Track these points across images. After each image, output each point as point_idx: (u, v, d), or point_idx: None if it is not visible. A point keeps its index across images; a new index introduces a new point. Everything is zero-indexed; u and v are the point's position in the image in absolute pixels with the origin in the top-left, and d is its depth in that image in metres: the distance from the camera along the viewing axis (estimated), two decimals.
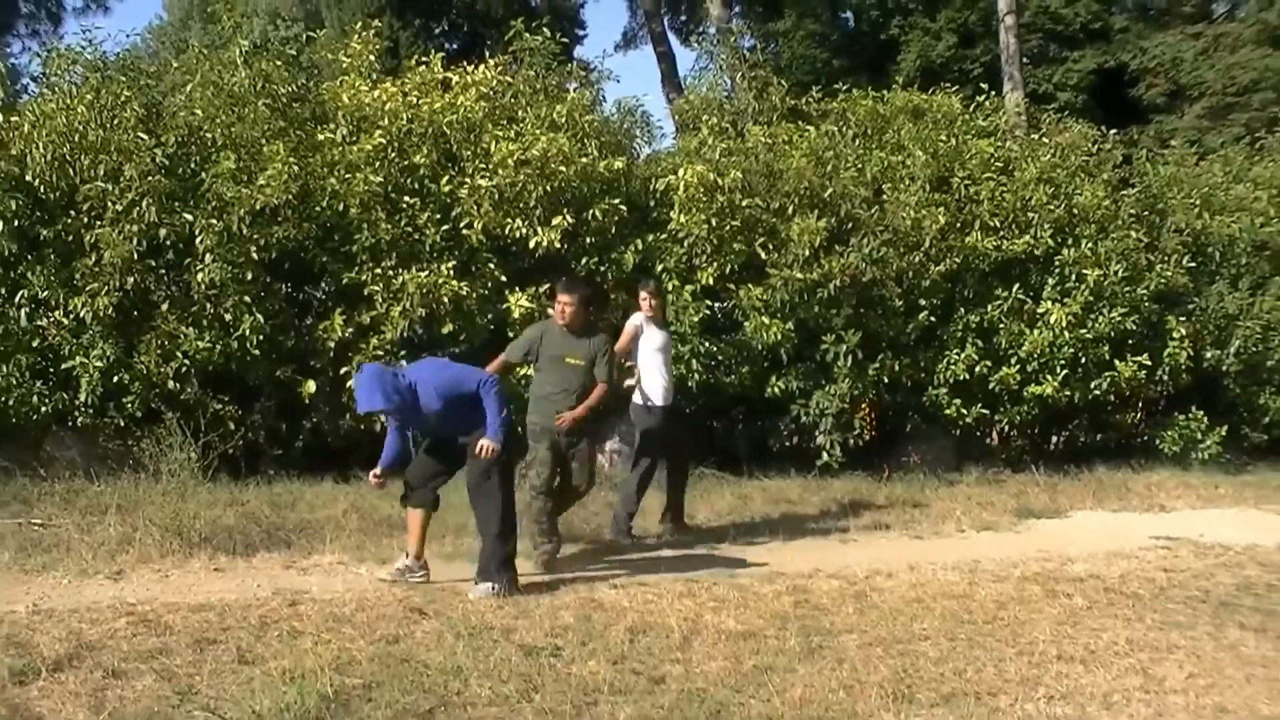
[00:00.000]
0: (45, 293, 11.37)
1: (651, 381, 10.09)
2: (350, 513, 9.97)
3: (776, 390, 13.03)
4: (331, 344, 11.74)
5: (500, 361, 9.18)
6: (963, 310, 14.06)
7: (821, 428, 13.04)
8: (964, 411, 13.86)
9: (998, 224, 14.21)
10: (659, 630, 6.97)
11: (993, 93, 16.93)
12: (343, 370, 11.59)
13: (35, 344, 11.34)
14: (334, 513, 9.94)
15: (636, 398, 10.09)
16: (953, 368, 13.81)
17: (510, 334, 12.25)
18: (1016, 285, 14.03)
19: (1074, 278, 14.25)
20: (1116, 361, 14.23)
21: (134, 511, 9.21)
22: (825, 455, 12.96)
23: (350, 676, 5.88)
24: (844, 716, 5.56)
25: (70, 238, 11.58)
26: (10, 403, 11.10)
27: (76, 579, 7.93)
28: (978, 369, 13.83)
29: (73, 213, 11.60)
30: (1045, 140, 15.77)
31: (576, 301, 8.95)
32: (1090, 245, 14.38)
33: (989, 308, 14.02)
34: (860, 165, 14.24)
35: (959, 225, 14.10)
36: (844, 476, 12.88)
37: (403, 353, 11.75)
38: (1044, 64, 30.90)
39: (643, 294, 10.35)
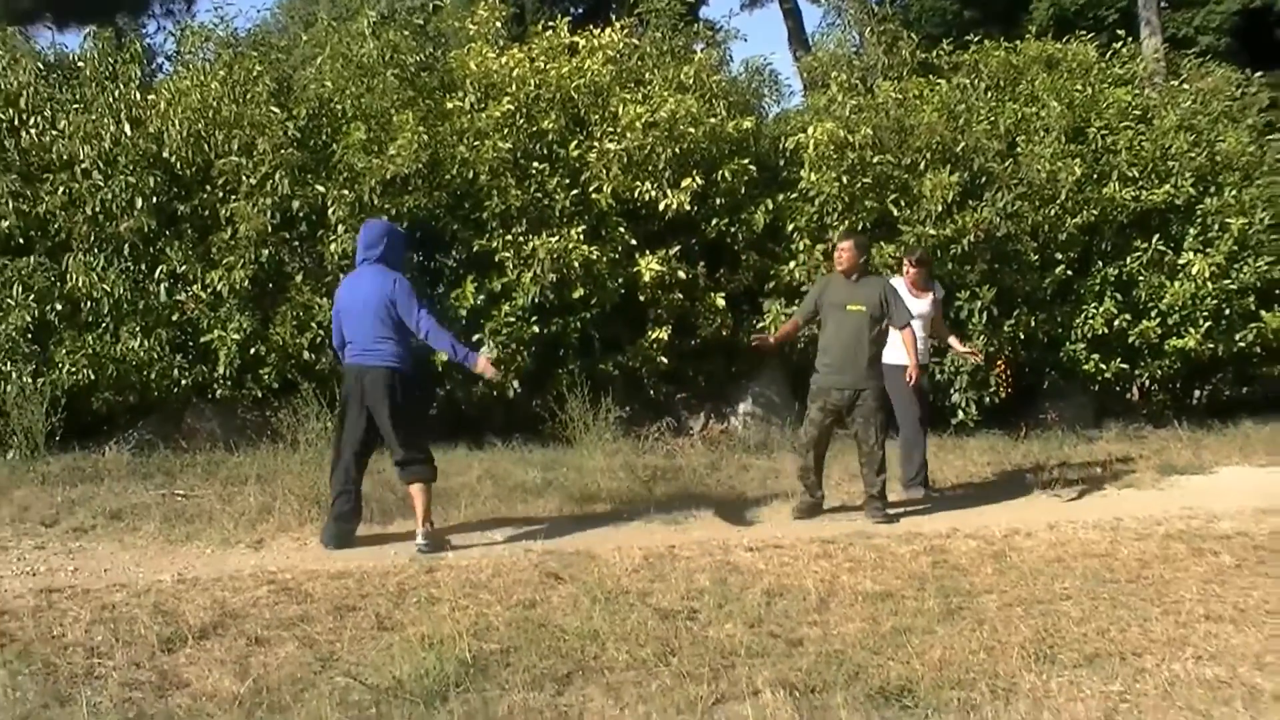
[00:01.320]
0: (183, 267, 11.56)
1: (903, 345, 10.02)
2: (484, 479, 10.00)
3: None
4: (463, 311, 11.75)
5: (791, 323, 9.79)
6: (1100, 263, 13.76)
7: (956, 385, 12.93)
8: (1102, 367, 13.60)
9: (1136, 174, 13.85)
10: (795, 592, 6.90)
11: (1129, 39, 16.51)
12: (474, 338, 11.62)
13: (174, 318, 11.53)
14: (468, 479, 9.97)
15: (890, 359, 9.99)
16: (1090, 322, 13.53)
17: (641, 298, 12.27)
18: (1156, 236, 13.65)
19: (1217, 227, 13.87)
20: (1263, 312, 13.86)
21: (273, 481, 9.36)
22: (961, 414, 12.85)
23: (488, 642, 5.89)
24: (985, 678, 5.43)
25: (206, 212, 11.78)
26: (152, 377, 11.29)
27: (219, 548, 8.07)
28: (1116, 323, 13.52)
29: (208, 188, 11.79)
30: (1185, 86, 15.33)
31: (852, 247, 9.27)
32: (1234, 193, 13.98)
33: (1128, 260, 13.71)
34: (993, 118, 13.96)
35: (1096, 176, 13.76)
36: (980, 435, 12.73)
37: (534, 318, 11.76)
38: (1183, 7, 29.88)
39: (906, 260, 10.51)
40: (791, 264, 12.74)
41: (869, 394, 9.14)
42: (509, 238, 11.95)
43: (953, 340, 10.79)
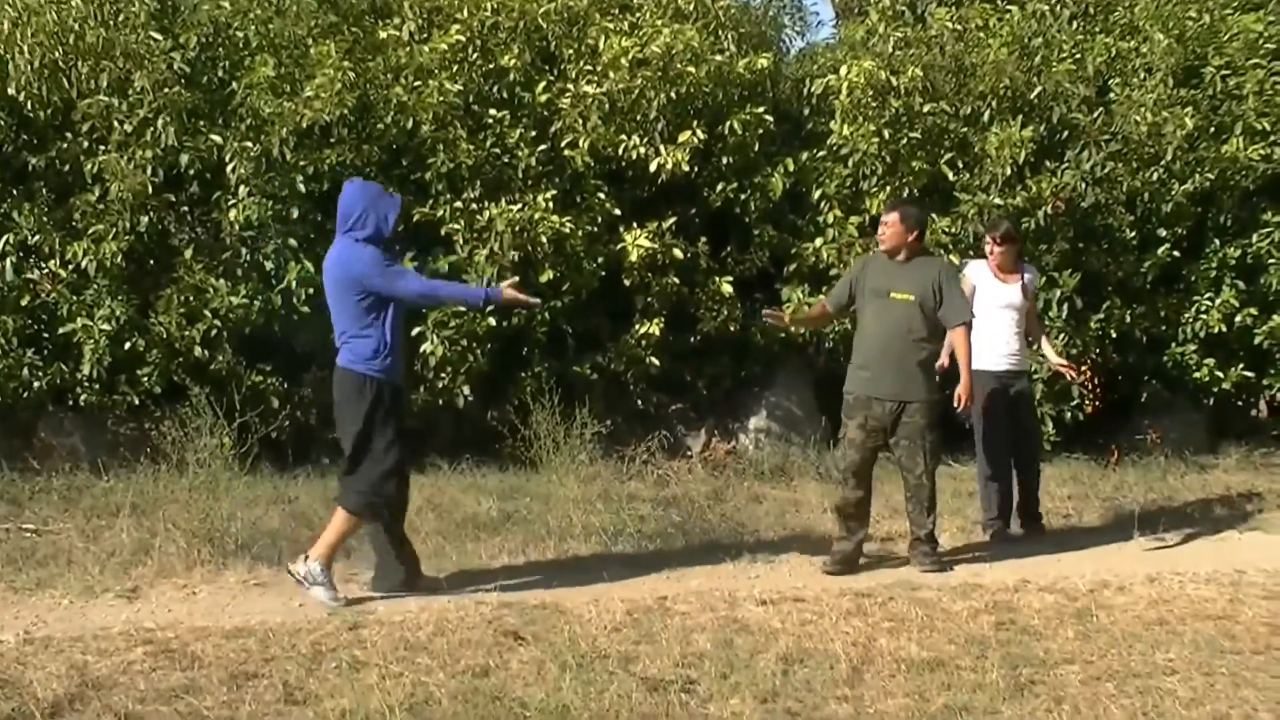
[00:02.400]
0: (36, 237, 11.52)
1: (988, 344, 10.05)
2: (426, 511, 9.99)
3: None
4: None
5: (819, 309, 9.75)
6: (1218, 242, 13.73)
7: None
8: (1219, 374, 13.56)
9: (1267, 126, 13.73)
10: (820, 658, 6.89)
11: None
12: (415, 330, 11.60)
13: (25, 303, 11.49)
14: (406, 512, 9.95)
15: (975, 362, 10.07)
16: (1204, 317, 13.49)
17: (627, 281, 12.27)
18: None
19: None
20: None
21: (152, 513, 9.34)
22: None
23: (427, 719, 5.88)
24: None
25: (67, 167, 11.74)
26: None
27: (80, 598, 8.01)
28: (1238, 319, 13.50)
29: (69, 135, 11.74)
30: None
31: (899, 219, 9.10)
32: None
33: (1254, 238, 13.65)
34: (1079, 55, 13.89)
35: (1213, 130, 13.70)
36: (1059, 460, 12.71)
37: (490, 308, 11.73)
38: None
39: (989, 237, 10.40)
40: (818, 241, 12.74)
41: (918, 409, 9.03)
42: (459, 205, 11.95)
43: (1046, 345, 10.78)
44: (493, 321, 11.75)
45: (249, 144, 11.53)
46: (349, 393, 7.98)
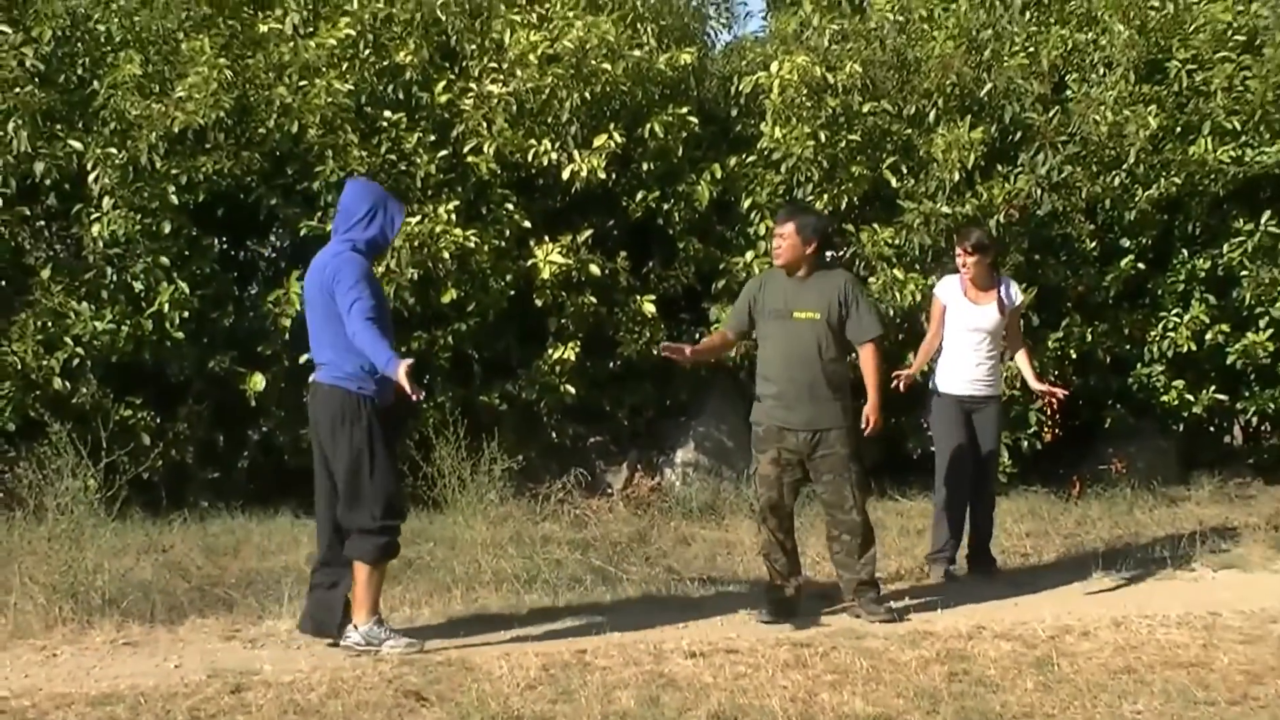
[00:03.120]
0: None
1: (953, 369, 10.10)
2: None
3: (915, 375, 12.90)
4: (287, 321, 11.70)
5: (719, 338, 9.56)
6: (1186, 252, 13.88)
7: None
8: (1190, 398, 13.68)
9: (1237, 125, 13.84)
10: (756, 716, 6.89)
11: None
12: (302, 358, 11.51)
13: None
14: (294, 559, 9.93)
15: (937, 385, 10.12)
16: (1172, 335, 13.62)
17: (538, 301, 12.25)
18: (1267, 214, 13.68)
19: None
20: None
21: (6, 566, 9.24)
22: None
23: None
24: None
25: None
26: None
27: None
28: (1209, 336, 13.63)
29: None
30: None
31: (794, 230, 8.96)
32: None
33: (1224, 248, 13.75)
34: (1032, 48, 14.02)
35: (1179, 130, 13.84)
36: (1016, 493, 12.82)
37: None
38: None
39: (960, 247, 10.31)
40: (748, 255, 12.80)
41: (837, 437, 8.92)
42: None
43: (1024, 365, 10.71)
44: None
45: (113, 150, 11.45)
46: (336, 415, 7.93)
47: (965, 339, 10.15)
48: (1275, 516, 12.21)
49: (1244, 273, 13.71)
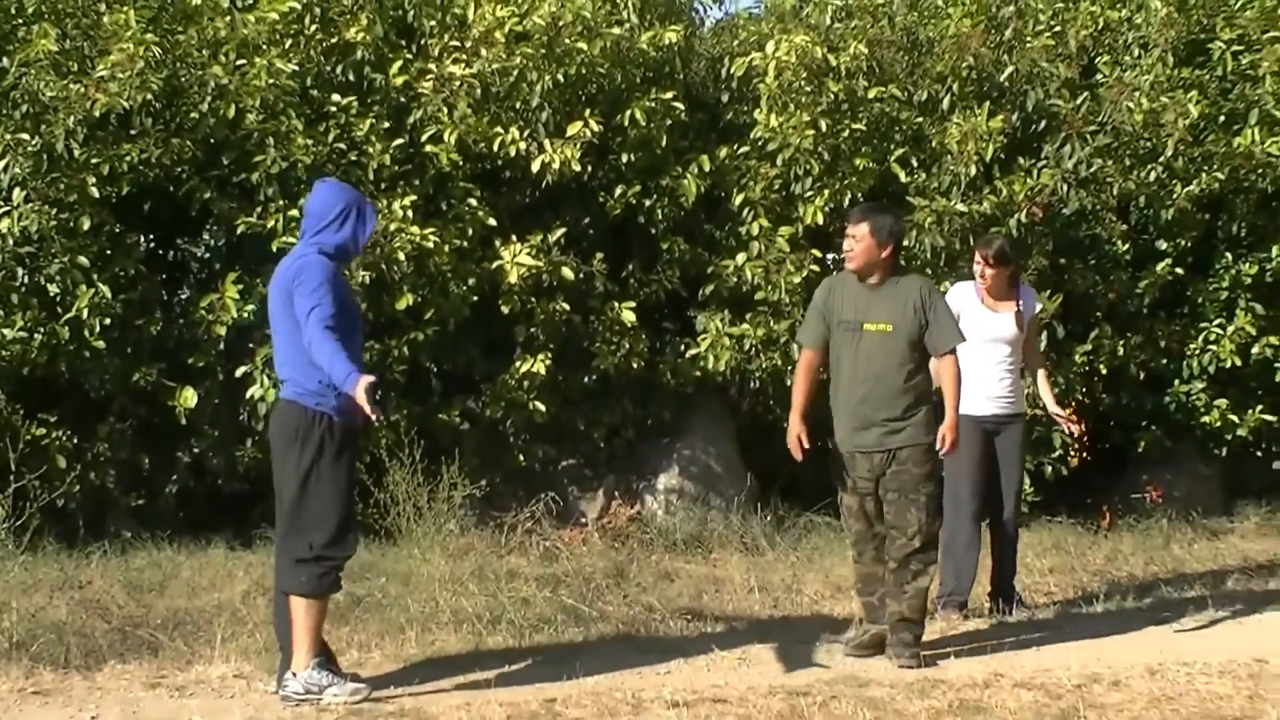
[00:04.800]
0: None
1: (970, 384, 9.95)
2: (255, 594, 9.95)
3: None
4: (222, 329, 11.65)
5: (805, 364, 9.32)
6: (1229, 256, 13.91)
7: None
8: (1234, 419, 13.70)
9: None
10: None
11: None
12: (239, 371, 11.55)
13: None
14: (228, 596, 9.92)
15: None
16: (1214, 348, 13.62)
17: (505, 307, 12.21)
18: None
19: None
20: None
21: None
22: None
23: None
24: None
25: None
26: None
27: None
28: (1255, 350, 13.66)
29: None
30: None
31: (868, 232, 8.96)
32: None
33: (1273, 251, 13.83)
34: (1058, 27, 14.07)
35: (1222, 119, 13.90)
36: (1038, 524, 12.82)
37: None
38: None
39: (980, 255, 10.34)
40: (740, 257, 12.74)
41: (910, 456, 8.96)
42: (295, 213, 11.73)
43: (1044, 386, 10.75)
44: None
45: (25, 136, 11.43)
46: (289, 432, 7.92)
47: (984, 351, 10.13)
48: None
49: None
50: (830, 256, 13.07)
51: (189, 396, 11.67)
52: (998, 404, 10.17)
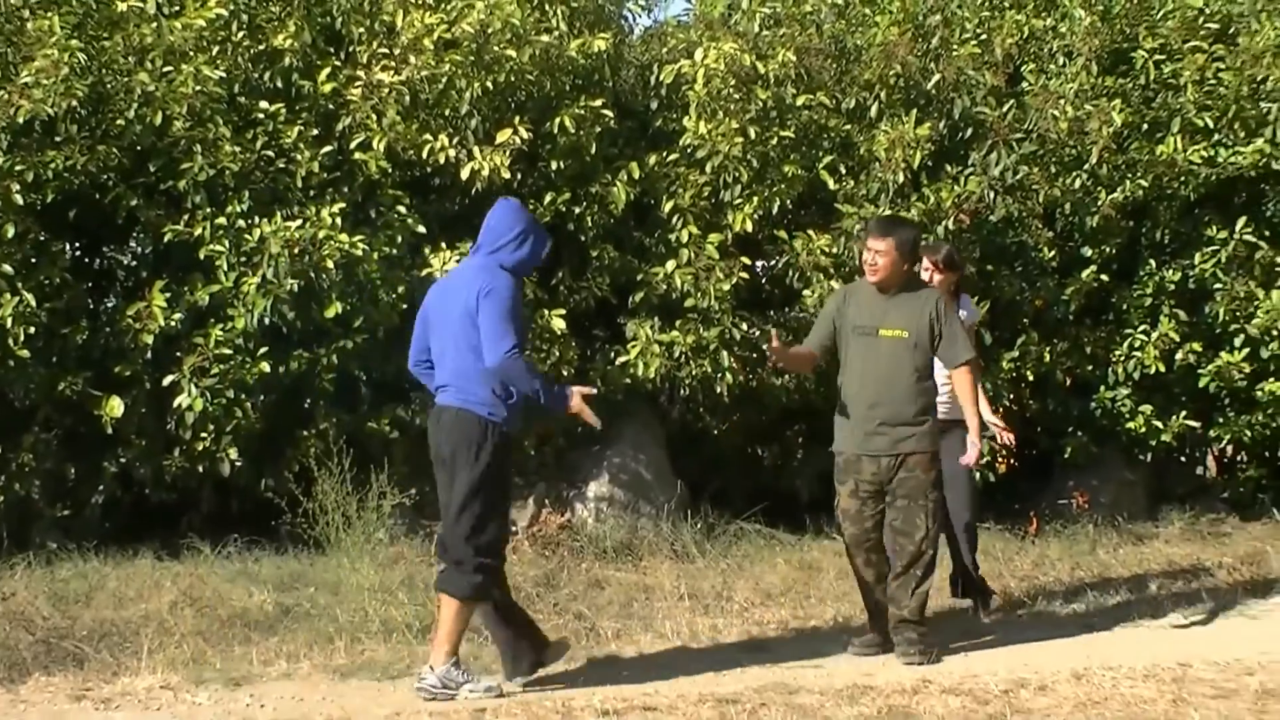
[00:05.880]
0: None
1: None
2: (182, 605, 9.88)
3: None
4: (149, 338, 11.55)
5: (806, 350, 9.56)
6: (1153, 263, 13.97)
7: None
8: (1158, 424, 13.74)
9: (1209, 122, 13.96)
10: None
11: None
12: (166, 380, 11.45)
13: None
14: (155, 606, 9.84)
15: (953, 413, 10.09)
16: (1138, 355, 13.66)
17: None
18: (1243, 220, 13.82)
19: None
20: None
21: None
22: None
23: None
24: None
25: None
26: None
27: None
28: (1180, 356, 13.70)
29: None
30: None
31: (894, 248, 9.11)
32: None
33: (1196, 258, 13.87)
34: (985, 35, 14.12)
35: (1145, 127, 13.95)
36: None
37: (263, 350, 11.62)
38: None
39: (928, 261, 10.31)
40: (670, 264, 12.71)
41: (917, 462, 9.13)
42: (222, 221, 11.80)
43: (980, 393, 10.69)
44: (266, 367, 11.56)
45: None
46: (467, 441, 8.26)
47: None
48: (1251, 556, 12.25)
49: (1217, 286, 13.83)
50: (760, 264, 13.07)
51: (115, 406, 11.56)
52: (940, 409, 10.14)
